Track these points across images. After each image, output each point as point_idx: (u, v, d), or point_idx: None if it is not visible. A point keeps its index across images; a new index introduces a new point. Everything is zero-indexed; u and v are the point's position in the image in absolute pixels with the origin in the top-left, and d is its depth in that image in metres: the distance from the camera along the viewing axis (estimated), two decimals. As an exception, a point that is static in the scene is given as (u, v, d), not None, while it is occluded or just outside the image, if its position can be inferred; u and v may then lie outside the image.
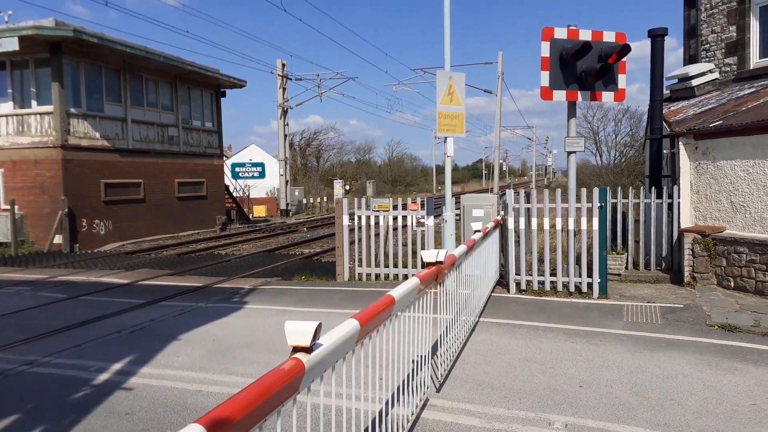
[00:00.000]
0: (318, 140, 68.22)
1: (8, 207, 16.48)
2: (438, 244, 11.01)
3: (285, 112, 33.37)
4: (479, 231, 6.76)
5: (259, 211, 32.08)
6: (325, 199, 41.22)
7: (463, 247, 5.52)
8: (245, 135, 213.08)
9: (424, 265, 4.36)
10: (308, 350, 2.14)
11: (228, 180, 28.47)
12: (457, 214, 10.16)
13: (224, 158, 27.04)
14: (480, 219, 9.59)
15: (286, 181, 33.44)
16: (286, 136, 33.74)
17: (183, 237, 21.10)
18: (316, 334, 2.14)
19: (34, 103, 17.51)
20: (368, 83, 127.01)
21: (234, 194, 28.97)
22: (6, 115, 17.67)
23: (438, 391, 4.83)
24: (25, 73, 17.66)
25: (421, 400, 4.43)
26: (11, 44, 15.74)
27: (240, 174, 34.55)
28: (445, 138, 9.39)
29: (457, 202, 10.88)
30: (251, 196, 33.96)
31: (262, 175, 35.70)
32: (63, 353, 6.16)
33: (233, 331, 6.96)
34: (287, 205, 33.36)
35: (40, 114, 17.32)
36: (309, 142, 66.72)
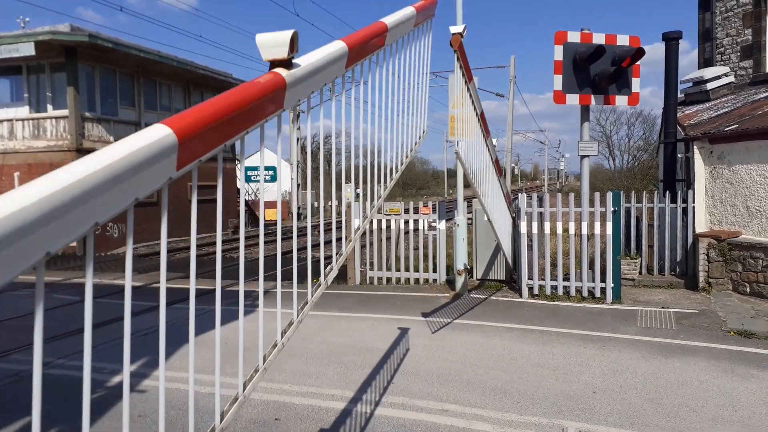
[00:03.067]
0: (329, 144, 68.47)
1: (24, 210, 16.65)
2: (450, 247, 10.97)
3: (297, 116, 33.49)
4: None
5: (270, 215, 32.12)
6: (336, 202, 41.27)
7: None
8: (257, 139, 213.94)
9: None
10: (287, 64, 1.89)
11: (239, 183, 28.59)
12: (469, 218, 10.12)
13: (236, 162, 27.16)
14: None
15: (298, 185, 33.54)
16: (297, 140, 33.86)
17: (195, 240, 21.20)
18: (293, 45, 1.86)
19: (49, 107, 17.70)
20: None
21: (246, 198, 29.08)
22: (22, 119, 17.88)
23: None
24: (41, 77, 17.86)
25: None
26: (28, 49, 15.94)
27: (252, 178, 34.68)
28: (457, 141, 9.37)
29: (469, 206, 10.85)
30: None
31: (273, 178, 35.82)
32: (77, 355, 6.21)
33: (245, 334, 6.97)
34: (299, 208, 33.44)
35: (56, 118, 17.51)
36: (320, 146, 66.98)
